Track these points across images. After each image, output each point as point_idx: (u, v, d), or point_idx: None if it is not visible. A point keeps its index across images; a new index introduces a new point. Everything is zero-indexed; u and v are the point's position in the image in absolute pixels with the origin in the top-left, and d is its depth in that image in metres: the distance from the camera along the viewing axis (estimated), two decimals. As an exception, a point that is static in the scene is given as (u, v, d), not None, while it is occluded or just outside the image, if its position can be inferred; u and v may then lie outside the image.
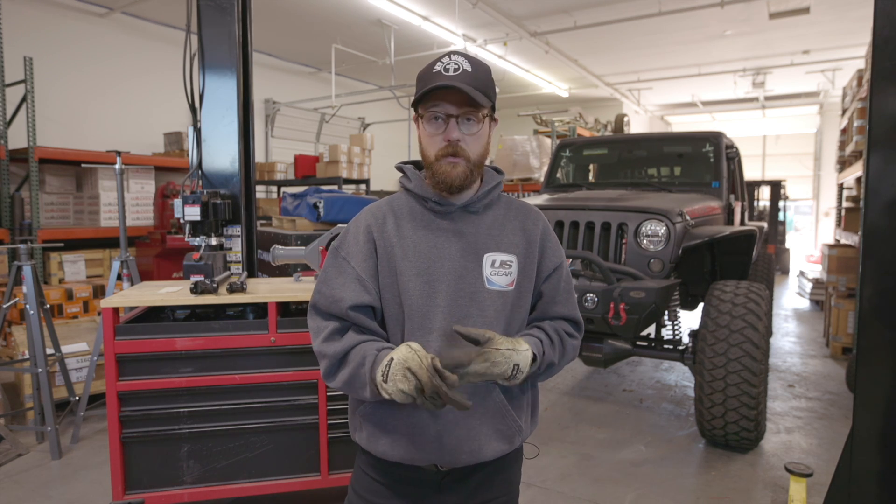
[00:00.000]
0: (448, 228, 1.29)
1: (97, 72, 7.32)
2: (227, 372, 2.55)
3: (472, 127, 1.24)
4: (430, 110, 1.23)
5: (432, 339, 1.23)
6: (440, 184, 1.25)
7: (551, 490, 3.06)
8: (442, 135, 1.23)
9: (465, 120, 1.23)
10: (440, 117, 1.23)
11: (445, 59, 1.24)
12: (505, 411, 1.29)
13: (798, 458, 3.44)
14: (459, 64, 1.22)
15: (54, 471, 3.25)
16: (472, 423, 1.25)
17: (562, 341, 1.32)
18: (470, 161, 1.25)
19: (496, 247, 1.30)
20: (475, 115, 1.24)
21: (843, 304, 5.60)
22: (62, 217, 5.60)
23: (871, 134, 1.73)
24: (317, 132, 11.02)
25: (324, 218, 4.88)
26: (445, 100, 1.22)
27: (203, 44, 3.09)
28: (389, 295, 1.27)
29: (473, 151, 1.25)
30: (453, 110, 1.22)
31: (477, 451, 1.26)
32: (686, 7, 7.59)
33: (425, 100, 1.23)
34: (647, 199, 3.90)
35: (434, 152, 1.25)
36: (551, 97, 13.03)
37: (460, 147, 1.23)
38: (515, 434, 1.31)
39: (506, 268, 1.29)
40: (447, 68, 1.22)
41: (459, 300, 1.25)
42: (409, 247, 1.27)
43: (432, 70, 1.23)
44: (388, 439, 1.27)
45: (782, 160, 17.74)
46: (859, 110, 5.45)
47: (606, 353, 3.67)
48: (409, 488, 1.31)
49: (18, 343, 4.10)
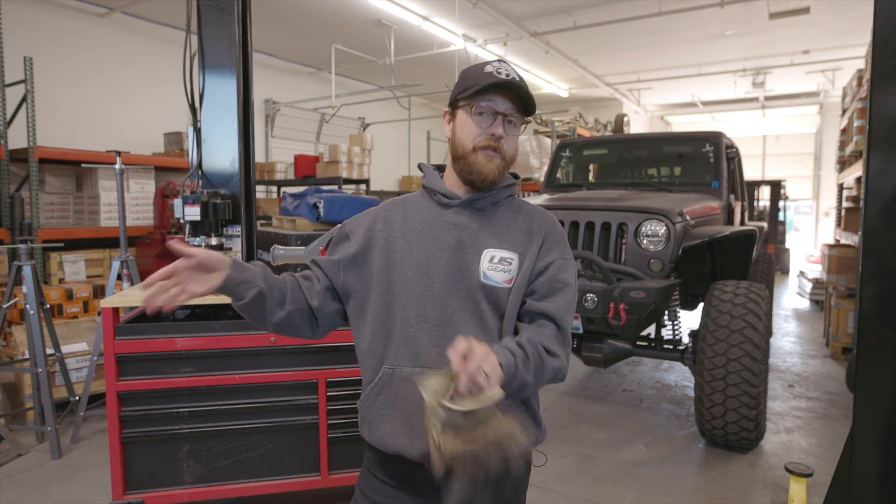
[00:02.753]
0: (451, 221, 1.31)
1: (97, 72, 7.32)
2: (227, 372, 2.55)
3: (513, 129, 1.31)
4: (480, 103, 1.27)
5: (427, 329, 1.26)
6: (473, 174, 1.29)
7: (551, 490, 3.06)
8: (486, 128, 1.28)
9: (508, 121, 1.29)
10: (488, 112, 1.27)
11: (496, 63, 1.30)
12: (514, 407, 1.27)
13: (798, 458, 3.44)
14: (511, 72, 1.29)
15: (54, 471, 3.25)
16: None
17: (541, 359, 1.18)
18: (505, 159, 1.30)
19: (498, 244, 1.30)
20: (518, 120, 1.31)
21: (843, 304, 5.60)
22: (62, 217, 5.60)
23: (871, 134, 1.73)
24: (317, 132, 11.02)
25: (324, 218, 4.88)
26: (499, 96, 1.27)
27: (203, 44, 3.08)
28: (385, 282, 1.30)
29: (510, 151, 1.31)
30: (503, 108, 1.28)
31: None
32: (686, 7, 7.59)
33: (476, 93, 1.27)
34: (647, 199, 3.90)
35: (473, 143, 1.28)
36: (551, 97, 13.03)
37: (501, 144, 1.28)
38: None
39: (505, 264, 1.28)
40: (500, 72, 1.27)
41: (455, 292, 1.26)
42: (412, 237, 1.31)
43: (483, 70, 1.28)
44: (387, 427, 1.28)
45: (782, 160, 17.74)
46: (859, 110, 5.44)
47: (606, 353, 3.68)
48: (414, 489, 1.30)
49: (18, 343, 4.10)
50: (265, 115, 10.10)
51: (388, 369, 1.27)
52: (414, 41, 8.94)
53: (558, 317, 1.24)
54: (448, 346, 1.23)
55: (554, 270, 1.29)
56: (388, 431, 1.27)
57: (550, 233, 1.34)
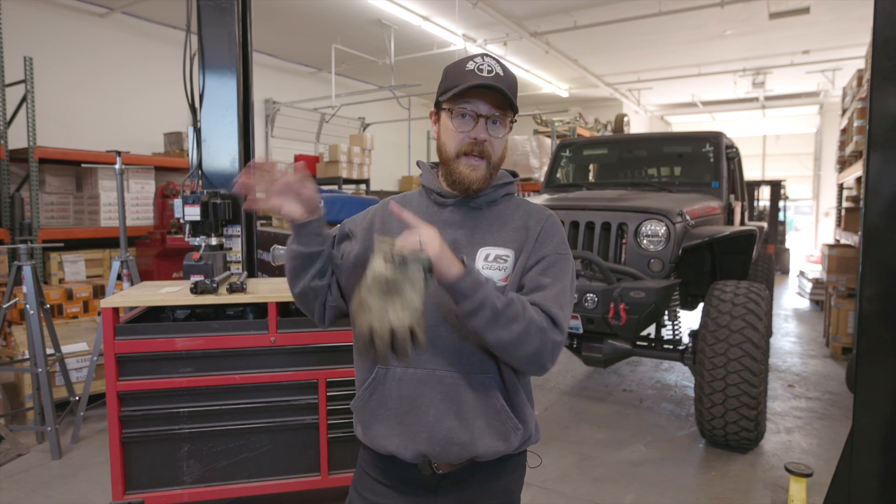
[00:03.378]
0: (447, 220, 1.30)
1: (97, 72, 7.32)
2: (227, 372, 2.55)
3: (498, 130, 1.25)
4: (460, 106, 1.22)
5: None
6: (456, 184, 1.26)
7: (551, 490, 3.06)
8: (468, 132, 1.23)
9: (492, 122, 1.24)
10: (469, 115, 1.23)
11: (478, 59, 1.24)
12: (500, 406, 1.25)
13: (798, 458, 3.44)
14: (493, 67, 1.22)
15: (54, 471, 3.25)
16: (465, 415, 1.23)
17: (523, 308, 1.14)
18: (491, 163, 1.26)
19: (493, 241, 1.27)
20: (503, 119, 1.25)
21: (843, 304, 5.60)
22: (62, 217, 5.60)
23: (871, 134, 1.73)
24: (317, 132, 11.02)
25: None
26: (479, 98, 1.22)
27: (203, 44, 3.08)
28: None
29: (496, 154, 1.26)
30: (484, 110, 1.22)
31: (468, 445, 1.22)
32: (686, 7, 7.59)
33: (456, 96, 1.22)
34: (647, 199, 3.90)
35: (455, 149, 1.24)
36: (551, 97, 13.03)
37: (485, 148, 1.23)
38: (511, 432, 1.25)
39: (500, 262, 1.26)
40: (481, 68, 1.21)
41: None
42: None
43: (465, 68, 1.23)
44: (381, 427, 1.27)
45: (782, 160, 17.74)
46: (859, 110, 5.45)
47: (606, 353, 3.68)
48: (407, 488, 1.30)
49: (18, 343, 4.10)
50: (265, 115, 10.10)
51: (381, 370, 1.26)
52: (414, 41, 8.94)
53: (546, 306, 1.18)
54: (442, 347, 1.23)
55: (544, 265, 1.25)
56: (382, 432, 1.27)
57: (546, 228, 1.30)
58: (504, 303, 1.12)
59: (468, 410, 1.23)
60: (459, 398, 1.22)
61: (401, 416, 1.25)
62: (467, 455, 1.24)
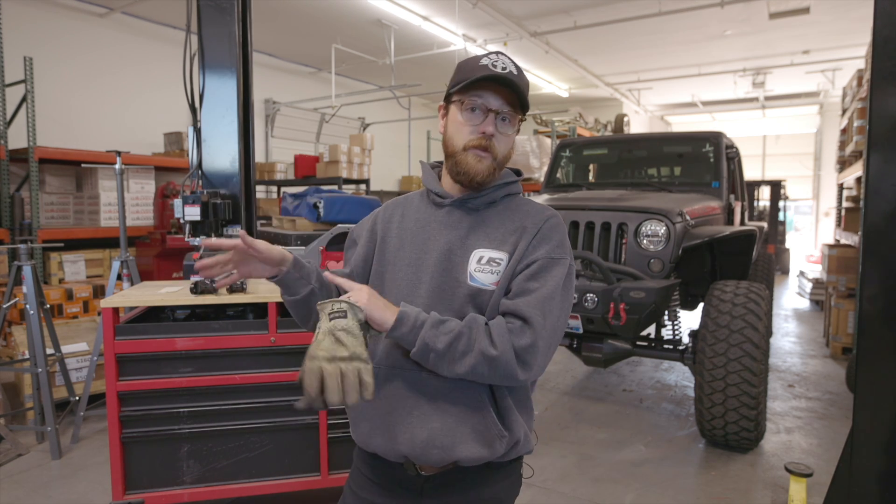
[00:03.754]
0: (442, 220, 1.28)
1: (97, 72, 7.32)
2: (227, 372, 2.55)
3: (507, 128, 1.24)
4: (471, 98, 1.21)
5: None
6: (461, 175, 1.24)
7: (551, 490, 3.06)
8: (477, 126, 1.22)
9: (501, 119, 1.23)
10: (480, 109, 1.22)
11: (493, 55, 1.23)
12: (485, 412, 1.20)
13: (798, 458, 3.44)
14: (507, 65, 1.22)
15: (54, 471, 3.25)
16: (448, 419, 1.20)
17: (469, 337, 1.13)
18: (496, 159, 1.24)
19: (488, 244, 1.24)
20: (513, 117, 1.25)
21: (843, 304, 5.60)
22: (62, 217, 5.60)
23: (871, 134, 1.73)
24: (317, 132, 11.02)
25: (324, 218, 4.89)
26: (491, 92, 1.21)
27: (203, 44, 3.08)
28: (377, 280, 1.31)
29: (501, 151, 1.25)
30: (495, 105, 1.22)
31: (449, 448, 1.19)
32: (686, 7, 7.59)
33: (468, 87, 1.21)
34: (647, 199, 3.90)
35: (463, 141, 1.23)
36: (551, 97, 13.04)
37: (492, 143, 1.22)
38: (495, 439, 1.20)
39: (493, 265, 1.22)
40: (495, 64, 1.21)
41: (441, 293, 1.23)
42: (406, 238, 1.30)
43: (479, 63, 1.22)
44: (367, 424, 1.28)
45: (782, 160, 17.75)
46: (859, 110, 5.44)
47: (606, 353, 3.68)
48: (393, 487, 1.30)
49: (18, 343, 4.10)
50: (265, 115, 10.11)
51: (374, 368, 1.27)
52: (414, 41, 8.94)
53: (527, 314, 1.14)
54: None
55: (534, 269, 1.20)
56: (367, 430, 1.28)
57: (544, 230, 1.24)
58: (447, 342, 1.12)
59: (452, 414, 1.21)
60: (444, 401, 1.21)
61: (384, 416, 1.25)
62: (449, 458, 1.21)
